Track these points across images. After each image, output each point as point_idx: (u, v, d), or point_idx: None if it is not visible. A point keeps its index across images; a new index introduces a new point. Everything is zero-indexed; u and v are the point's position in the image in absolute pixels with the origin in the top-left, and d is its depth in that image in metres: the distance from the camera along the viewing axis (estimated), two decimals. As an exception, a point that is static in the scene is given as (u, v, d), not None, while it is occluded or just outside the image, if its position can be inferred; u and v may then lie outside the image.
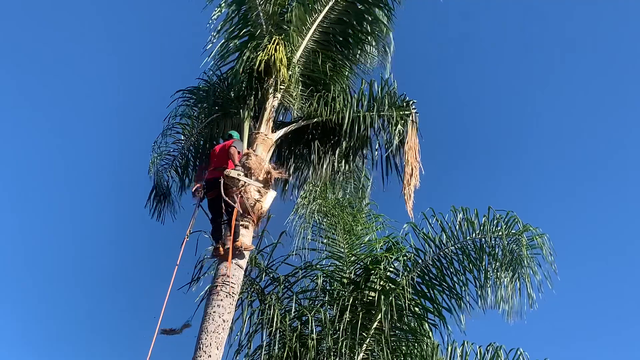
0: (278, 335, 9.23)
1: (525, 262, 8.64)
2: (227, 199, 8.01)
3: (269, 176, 8.78)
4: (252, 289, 9.55)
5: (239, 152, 8.46)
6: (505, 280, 8.90)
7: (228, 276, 7.77)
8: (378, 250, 10.01)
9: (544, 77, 27.43)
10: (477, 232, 9.16)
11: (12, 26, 25.09)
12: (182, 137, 10.83)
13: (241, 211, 8.12)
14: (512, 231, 8.96)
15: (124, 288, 24.27)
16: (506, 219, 9.03)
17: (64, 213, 26.26)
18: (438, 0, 11.68)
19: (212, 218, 8.29)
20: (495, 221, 9.06)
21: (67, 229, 26.37)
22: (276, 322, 9.01)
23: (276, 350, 9.12)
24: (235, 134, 8.98)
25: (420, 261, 9.43)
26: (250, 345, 9.40)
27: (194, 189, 8.64)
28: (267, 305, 9.28)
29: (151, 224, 10.94)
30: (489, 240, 9.06)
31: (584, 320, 24.94)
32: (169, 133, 10.78)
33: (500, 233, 8.92)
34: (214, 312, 7.50)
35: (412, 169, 9.40)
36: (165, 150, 10.86)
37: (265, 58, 9.22)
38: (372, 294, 9.51)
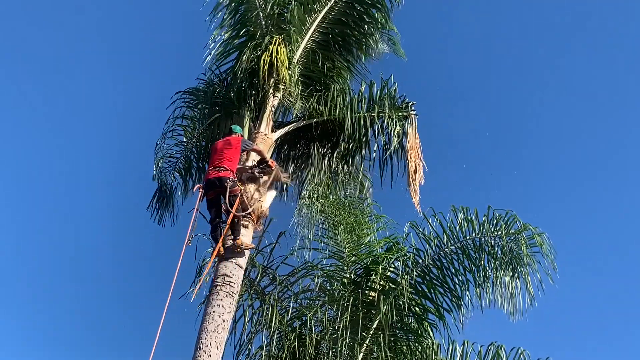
0: (278, 336, 9.24)
1: (525, 260, 8.64)
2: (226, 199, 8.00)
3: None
4: (252, 289, 9.56)
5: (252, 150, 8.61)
6: (506, 279, 8.90)
7: (228, 276, 7.78)
8: (378, 250, 10.00)
9: (543, 76, 27.41)
10: (477, 231, 9.16)
11: (12, 26, 25.21)
12: (184, 139, 10.88)
13: (241, 210, 8.11)
14: (512, 230, 8.96)
15: (124, 288, 24.34)
16: (506, 218, 9.03)
17: (65, 213, 26.34)
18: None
19: (211, 218, 8.17)
20: (495, 220, 9.06)
21: (68, 229, 26.43)
22: (275, 322, 9.03)
23: (275, 351, 9.12)
24: (237, 128, 8.82)
25: (420, 261, 9.42)
26: (251, 346, 9.43)
27: (195, 188, 8.62)
28: (266, 305, 9.30)
29: (153, 224, 11.02)
30: (488, 239, 9.06)
31: (586, 319, 24.86)
32: (171, 135, 10.86)
33: (499, 232, 8.92)
34: (214, 311, 7.50)
35: (415, 167, 9.49)
36: (168, 152, 10.92)
37: (268, 59, 9.26)
38: (373, 293, 9.51)
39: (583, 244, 26.31)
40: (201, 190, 8.12)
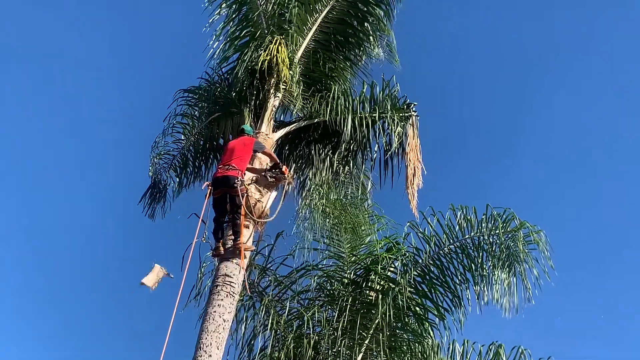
0: (277, 336, 9.23)
1: (522, 257, 8.69)
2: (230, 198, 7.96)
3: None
4: (252, 290, 9.55)
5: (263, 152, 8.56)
6: (503, 276, 8.93)
7: (228, 276, 7.77)
8: (378, 250, 10.00)
9: (542, 75, 27.51)
10: (476, 230, 9.18)
11: (12, 26, 25.13)
12: (182, 137, 10.87)
13: (246, 211, 8.07)
14: (509, 228, 8.99)
15: (124, 287, 24.28)
16: (504, 217, 9.07)
17: (65, 211, 26.31)
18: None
19: (215, 217, 8.06)
20: (493, 219, 9.08)
21: (69, 228, 26.42)
22: (273, 323, 9.03)
23: (276, 352, 9.12)
24: (248, 128, 8.71)
25: (420, 261, 9.43)
26: (252, 347, 9.43)
27: (204, 186, 8.51)
28: (266, 306, 9.29)
29: (153, 222, 11.03)
30: (486, 237, 9.08)
31: (588, 318, 24.97)
32: (169, 132, 10.83)
33: (497, 230, 8.96)
34: (215, 311, 7.48)
35: (414, 169, 9.49)
36: (165, 149, 10.91)
37: (268, 58, 9.24)
38: (372, 293, 9.51)
39: (586, 242, 26.47)
40: (210, 187, 8.03)
